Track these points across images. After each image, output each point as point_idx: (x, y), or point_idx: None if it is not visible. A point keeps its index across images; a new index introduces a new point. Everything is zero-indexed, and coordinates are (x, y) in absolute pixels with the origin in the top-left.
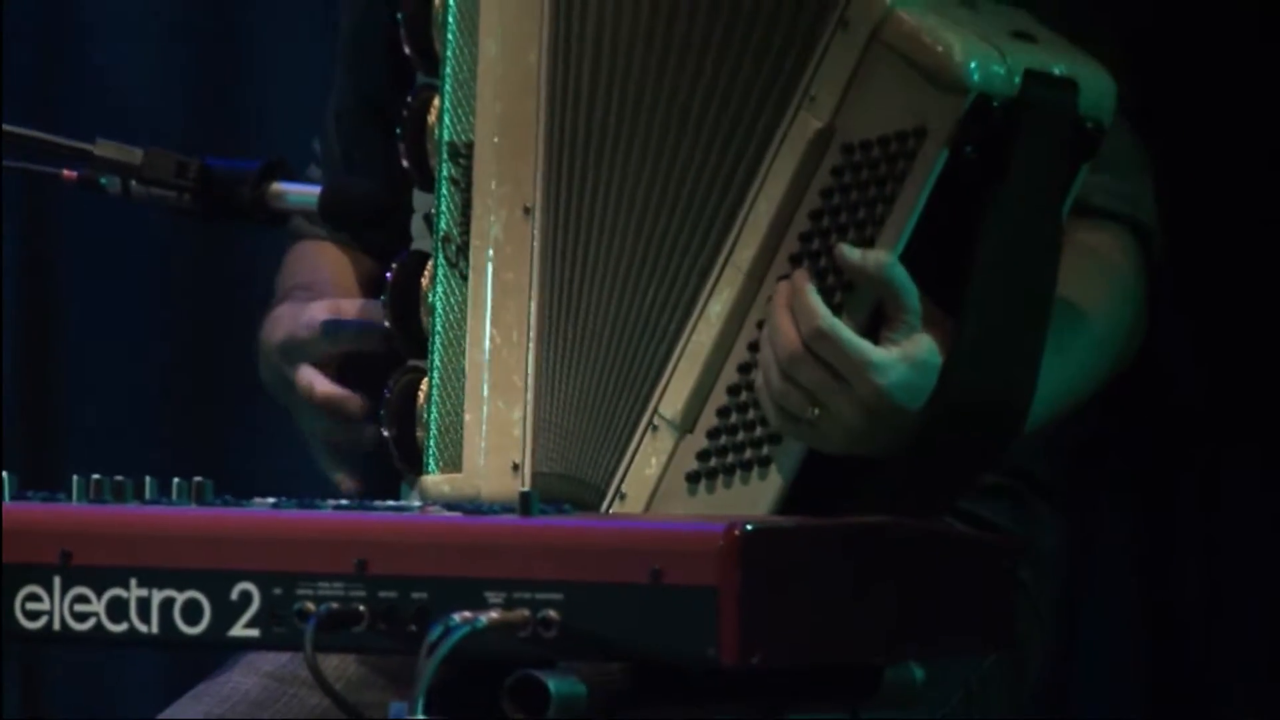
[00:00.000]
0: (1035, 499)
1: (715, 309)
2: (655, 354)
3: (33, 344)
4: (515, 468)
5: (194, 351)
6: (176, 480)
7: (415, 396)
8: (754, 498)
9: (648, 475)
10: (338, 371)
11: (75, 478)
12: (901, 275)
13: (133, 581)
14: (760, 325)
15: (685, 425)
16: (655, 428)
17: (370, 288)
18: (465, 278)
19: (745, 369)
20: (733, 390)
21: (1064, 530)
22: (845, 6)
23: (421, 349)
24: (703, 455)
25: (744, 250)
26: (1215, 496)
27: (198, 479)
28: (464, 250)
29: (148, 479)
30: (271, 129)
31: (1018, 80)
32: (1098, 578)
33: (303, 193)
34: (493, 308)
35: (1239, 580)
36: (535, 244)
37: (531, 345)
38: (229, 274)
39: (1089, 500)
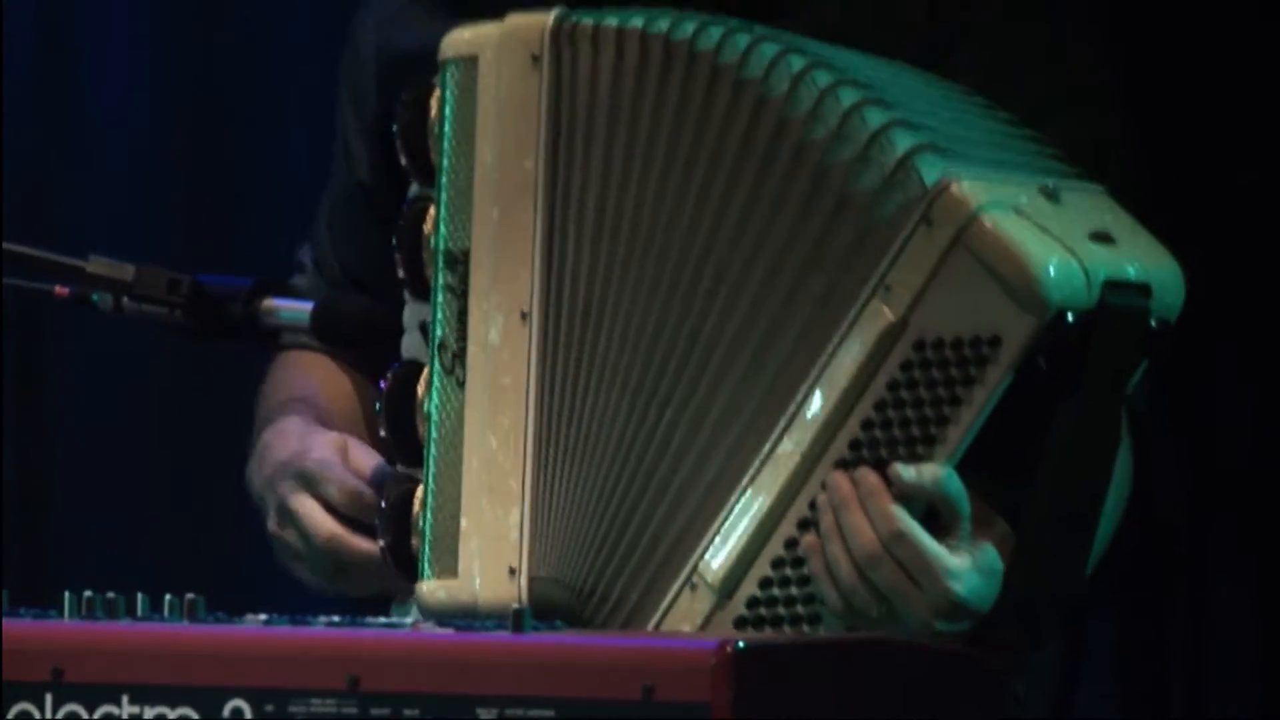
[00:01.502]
0: None
1: (767, 481)
2: (677, 483)
3: (26, 458)
4: (512, 572)
5: (187, 464)
6: (168, 597)
7: (410, 505)
8: None
9: (686, 618)
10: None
11: (67, 594)
12: (957, 486)
13: (124, 699)
14: (811, 506)
15: (725, 590)
16: (694, 586)
17: (360, 398)
18: (462, 384)
19: (792, 544)
20: (777, 564)
21: (1056, 643)
22: (930, 204)
23: (416, 457)
24: (739, 623)
25: (802, 430)
26: (1202, 607)
27: (189, 596)
28: (461, 356)
29: (139, 595)
30: (259, 240)
31: (1096, 292)
32: (1087, 688)
33: (295, 309)
34: (490, 413)
35: (1224, 692)
36: (532, 349)
37: (529, 450)
38: (221, 385)
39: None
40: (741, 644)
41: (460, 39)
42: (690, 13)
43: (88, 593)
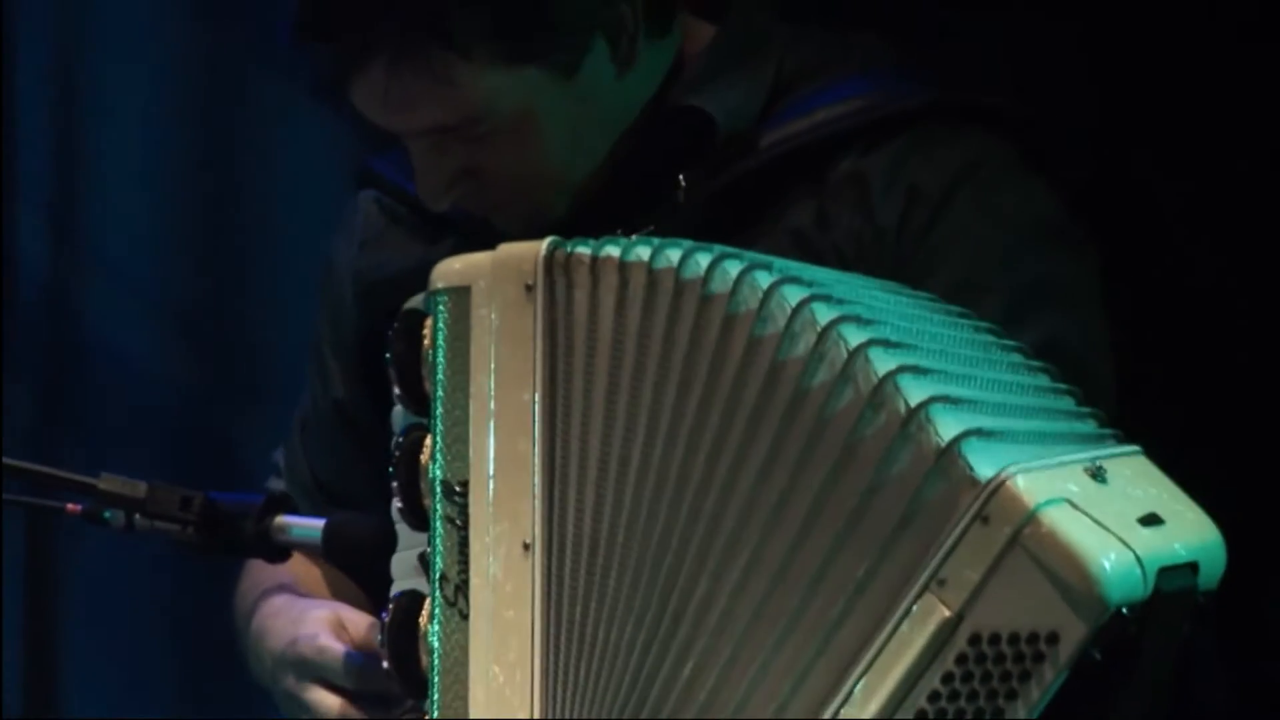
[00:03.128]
0: None
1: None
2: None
3: (35, 673)
4: None
5: (197, 677)
6: None
7: None
8: None
9: None
10: None
11: None
12: None
13: None
14: None
15: None
16: None
17: (330, 584)
18: (465, 616)
19: None
20: None
21: None
22: (986, 501)
23: (421, 689)
24: None
25: (859, 710)
26: None
27: None
28: (463, 589)
29: None
30: (252, 448)
31: (1152, 582)
32: None
33: (306, 526)
34: (495, 646)
35: None
36: (536, 581)
37: (536, 683)
38: (228, 597)
39: None
40: None
41: (451, 269)
42: (691, 242)
43: None
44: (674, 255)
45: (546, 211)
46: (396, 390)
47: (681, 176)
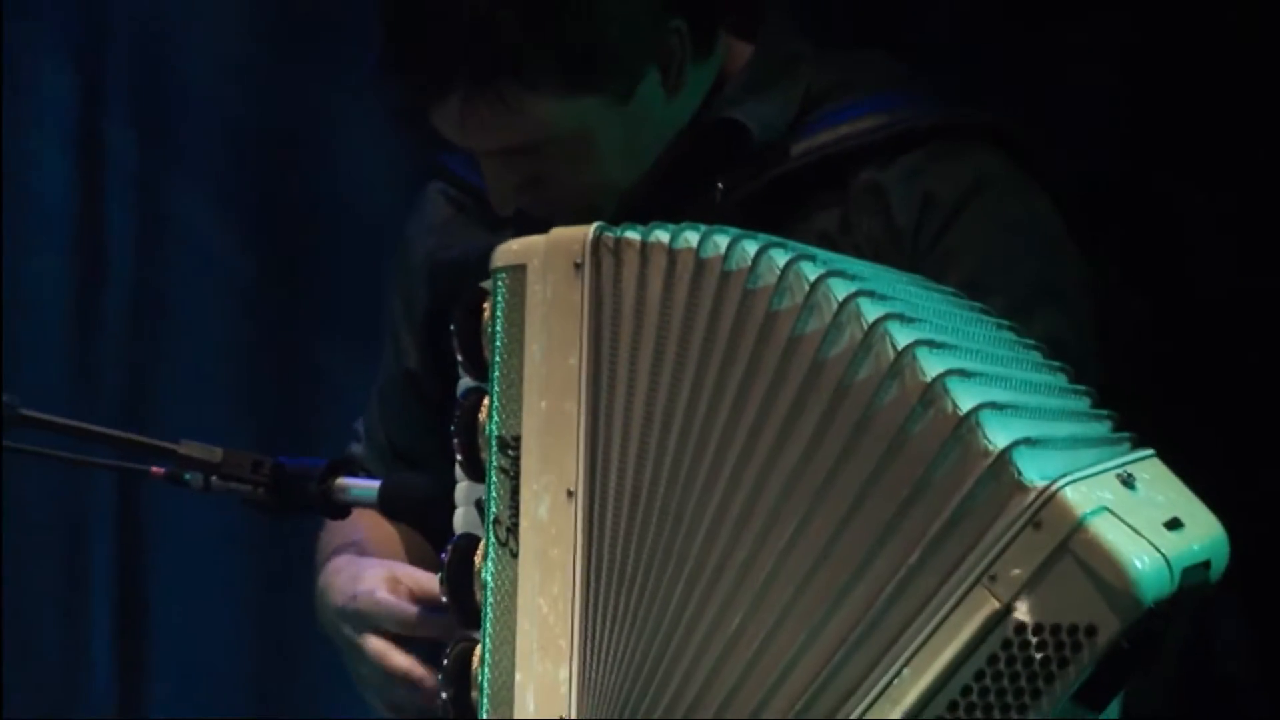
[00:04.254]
0: None
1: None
2: (713, 656)
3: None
4: None
5: (274, 619)
6: None
7: (470, 661)
8: None
9: None
10: None
11: None
12: None
13: None
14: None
15: None
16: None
17: (399, 540)
18: (515, 555)
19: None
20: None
21: None
22: (1038, 509)
23: (475, 621)
24: None
25: (900, 692)
26: None
27: None
28: (514, 531)
29: None
30: (329, 420)
31: (1177, 581)
32: None
33: (364, 487)
34: (541, 581)
35: None
36: (578, 525)
37: (576, 614)
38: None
39: None
40: None
41: (510, 250)
42: (724, 228)
43: None
44: (721, 242)
45: (599, 213)
46: (459, 358)
47: (720, 181)
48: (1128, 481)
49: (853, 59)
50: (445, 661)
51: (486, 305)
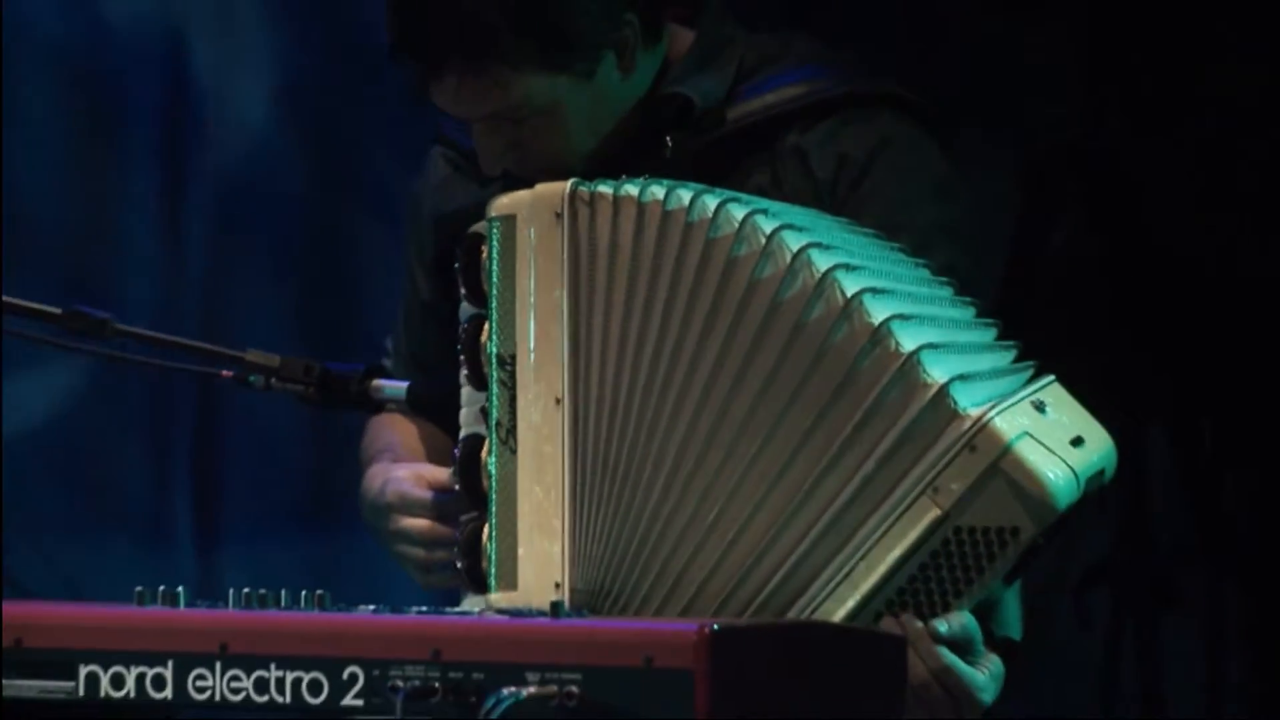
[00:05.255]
0: None
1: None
2: (679, 528)
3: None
4: (556, 586)
5: (325, 502)
6: (304, 592)
7: (479, 537)
8: None
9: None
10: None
11: (231, 590)
12: (974, 624)
13: (272, 665)
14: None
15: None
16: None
17: (426, 440)
18: (514, 451)
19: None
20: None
21: None
22: (973, 435)
23: (482, 503)
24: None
25: (861, 579)
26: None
27: (320, 591)
28: (513, 431)
29: (282, 590)
30: (364, 332)
31: (1082, 489)
32: None
33: (395, 387)
34: (536, 471)
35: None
36: (565, 425)
37: (566, 498)
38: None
39: None
40: (716, 626)
41: (502, 202)
42: (686, 183)
43: (246, 589)
44: (684, 195)
45: (569, 173)
46: (463, 290)
47: (669, 139)
48: (1040, 407)
49: (778, 39)
50: (459, 536)
51: (484, 248)
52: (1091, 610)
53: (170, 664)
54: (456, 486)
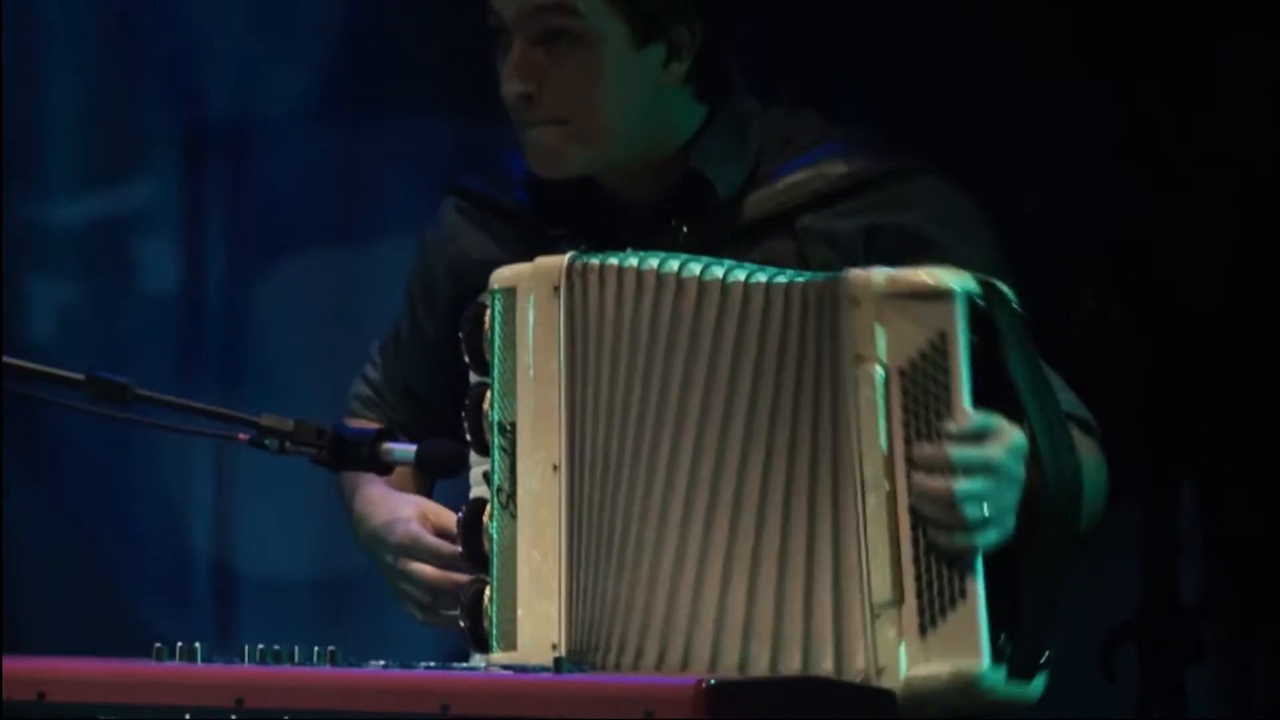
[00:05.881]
0: None
1: (874, 512)
2: (667, 585)
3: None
4: (554, 646)
5: (337, 551)
6: (316, 647)
7: (482, 599)
8: (967, 617)
9: (892, 646)
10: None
11: (246, 646)
12: (982, 416)
13: (287, 719)
14: (913, 511)
15: (895, 599)
16: (879, 615)
17: (409, 478)
18: (514, 516)
19: (915, 542)
20: (915, 560)
21: None
22: (849, 288)
23: (483, 565)
24: (921, 612)
25: (871, 471)
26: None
27: (331, 647)
28: (513, 496)
29: (296, 646)
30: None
31: (974, 281)
32: None
33: (404, 450)
34: (535, 536)
35: None
36: (562, 492)
37: (563, 562)
38: None
39: None
40: (712, 680)
41: (504, 275)
42: (676, 254)
43: (261, 645)
44: (673, 265)
45: (568, 165)
46: (466, 358)
47: (684, 225)
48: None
49: (787, 115)
50: (462, 598)
51: (486, 318)
52: (1119, 668)
53: (187, 718)
54: (460, 547)
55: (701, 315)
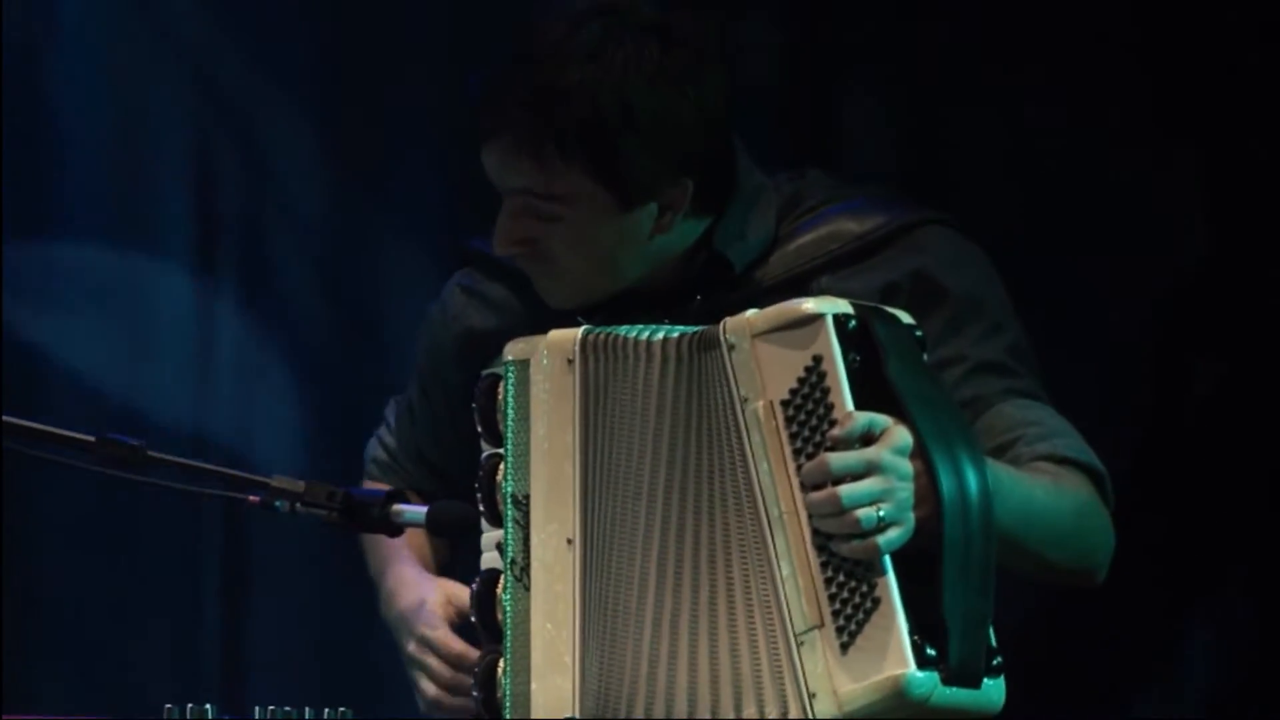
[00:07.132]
0: None
1: (781, 545)
2: (686, 655)
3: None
4: None
5: (348, 612)
6: (327, 710)
7: (495, 670)
8: (884, 624)
9: (819, 671)
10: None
11: (257, 708)
12: (866, 417)
13: None
14: (813, 531)
15: (817, 624)
16: (803, 643)
17: (424, 542)
18: (528, 589)
19: (823, 562)
20: (826, 580)
21: None
22: (725, 333)
23: (497, 637)
24: (840, 630)
25: (773, 506)
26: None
27: (342, 709)
28: (526, 570)
29: (306, 708)
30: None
31: (846, 304)
32: None
33: (415, 512)
34: (548, 609)
35: None
36: (576, 565)
37: (577, 636)
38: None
39: None
40: None
41: (518, 347)
42: (670, 325)
43: (271, 706)
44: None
45: (576, 301)
46: (480, 429)
47: (699, 295)
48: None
49: (793, 180)
50: (476, 670)
51: (500, 390)
52: None
53: None
54: (474, 618)
55: (712, 391)
